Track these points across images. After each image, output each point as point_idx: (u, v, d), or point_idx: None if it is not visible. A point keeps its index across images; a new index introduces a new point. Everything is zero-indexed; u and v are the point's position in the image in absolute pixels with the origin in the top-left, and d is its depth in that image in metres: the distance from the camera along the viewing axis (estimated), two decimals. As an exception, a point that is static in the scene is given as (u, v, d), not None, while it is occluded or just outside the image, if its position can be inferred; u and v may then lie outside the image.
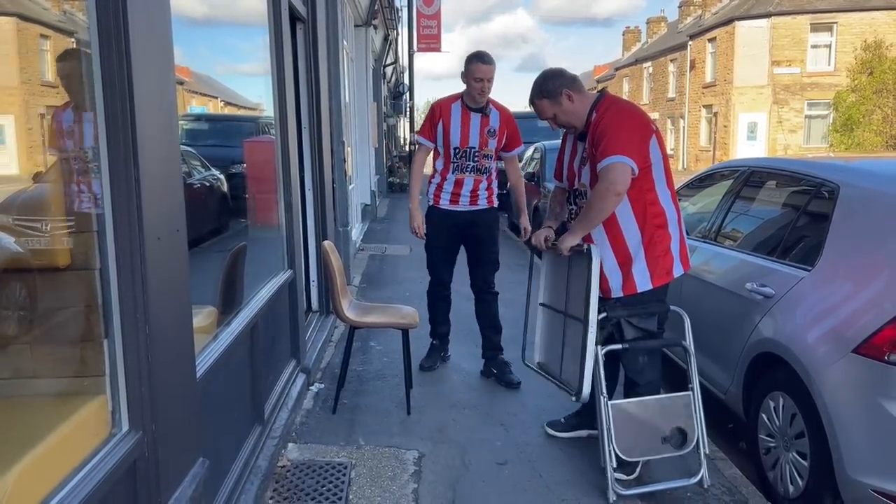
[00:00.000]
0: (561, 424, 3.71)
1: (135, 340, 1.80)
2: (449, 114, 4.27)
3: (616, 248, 3.14)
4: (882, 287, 2.77)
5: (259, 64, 3.91)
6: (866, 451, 2.68)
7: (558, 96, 3.19)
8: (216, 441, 2.55)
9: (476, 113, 4.24)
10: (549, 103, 3.23)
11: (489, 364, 4.49)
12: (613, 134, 3.01)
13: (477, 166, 4.27)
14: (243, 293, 3.35)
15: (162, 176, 1.92)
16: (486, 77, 4.12)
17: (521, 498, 3.11)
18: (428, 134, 4.35)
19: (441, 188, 4.34)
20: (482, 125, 4.24)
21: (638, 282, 3.14)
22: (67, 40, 1.88)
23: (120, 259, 1.75)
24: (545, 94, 3.23)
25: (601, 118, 3.10)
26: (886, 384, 2.62)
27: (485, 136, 4.25)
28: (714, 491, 3.17)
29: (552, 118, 3.27)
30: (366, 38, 12.15)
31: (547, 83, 3.23)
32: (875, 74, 25.98)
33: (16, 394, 1.66)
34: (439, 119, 4.28)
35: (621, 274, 3.15)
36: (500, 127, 4.28)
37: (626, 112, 3.15)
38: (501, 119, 4.30)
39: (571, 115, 3.22)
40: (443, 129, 4.27)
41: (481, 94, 4.17)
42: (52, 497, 1.48)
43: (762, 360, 3.31)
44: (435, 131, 4.31)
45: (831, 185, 3.27)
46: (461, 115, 4.25)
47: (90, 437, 1.71)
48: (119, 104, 1.71)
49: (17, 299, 1.67)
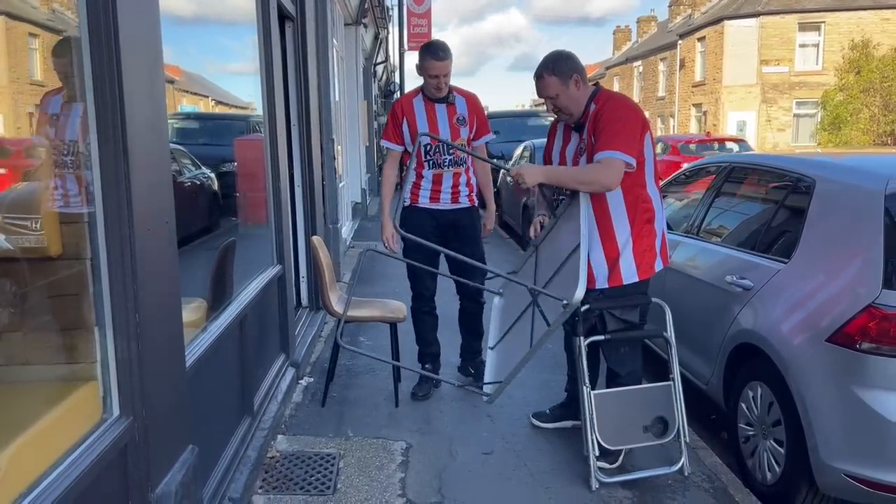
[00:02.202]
0: (546, 415, 3.79)
1: (125, 328, 1.85)
2: (412, 110, 3.97)
3: (605, 242, 3.19)
4: (854, 278, 2.85)
5: (249, 63, 3.96)
6: (839, 437, 2.76)
7: (568, 79, 3.14)
8: (206, 430, 2.60)
9: (440, 104, 3.96)
10: (557, 82, 3.15)
11: (467, 363, 4.40)
12: (615, 128, 3.04)
13: (454, 158, 3.97)
14: (233, 288, 3.40)
15: (151, 168, 1.97)
16: (442, 73, 3.83)
17: (505, 486, 3.18)
18: (394, 137, 4.03)
19: (418, 185, 4.02)
20: (449, 115, 3.97)
21: (624, 274, 3.20)
22: (57, 38, 1.88)
23: (110, 249, 1.81)
24: (556, 72, 3.15)
25: (601, 109, 3.12)
26: (858, 372, 2.70)
27: (455, 126, 3.96)
28: (694, 478, 3.25)
29: (554, 98, 3.19)
30: (356, 36, 12.18)
31: (561, 63, 3.16)
32: (862, 73, 26.22)
33: (9, 380, 1.71)
34: (402, 118, 3.98)
35: (607, 266, 3.20)
36: (469, 113, 3.99)
37: (627, 107, 3.18)
38: (469, 105, 4.01)
39: (572, 102, 3.19)
40: (408, 127, 3.97)
41: (438, 89, 3.89)
42: (45, 476, 1.53)
43: (741, 350, 3.39)
44: (400, 132, 4.00)
45: (808, 180, 3.35)
46: (425, 109, 3.96)
47: (82, 422, 1.77)
48: (109, 98, 1.76)
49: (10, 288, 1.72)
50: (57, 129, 1.85)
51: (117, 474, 1.83)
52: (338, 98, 9.08)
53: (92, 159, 1.77)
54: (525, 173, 3.14)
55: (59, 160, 1.86)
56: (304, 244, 5.26)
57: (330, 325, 5.49)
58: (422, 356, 4.35)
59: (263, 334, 3.71)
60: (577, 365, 3.21)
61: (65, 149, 1.88)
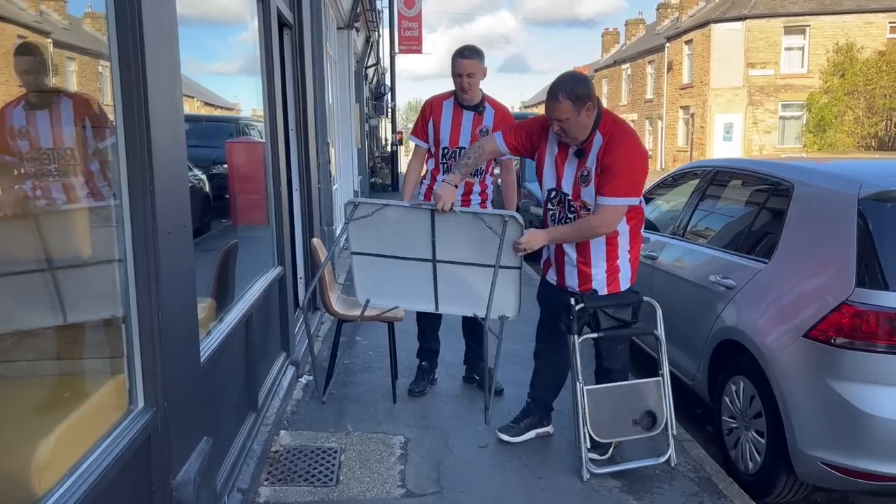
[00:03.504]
0: (513, 429, 3.68)
1: (149, 325, 1.98)
2: (440, 112, 4.03)
3: (610, 260, 3.35)
4: (830, 277, 3.02)
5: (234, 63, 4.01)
6: (816, 427, 2.93)
7: (582, 106, 3.08)
8: (217, 424, 2.73)
9: (469, 111, 3.98)
10: (571, 107, 3.07)
11: (472, 370, 4.46)
12: (624, 174, 3.10)
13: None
14: (235, 288, 3.53)
15: (172, 176, 2.11)
16: (465, 72, 3.85)
17: (500, 476, 3.33)
18: (421, 133, 4.10)
19: (431, 189, 4.06)
20: (475, 124, 3.98)
21: (622, 282, 3.39)
22: (45, 40, 1.87)
23: (136, 251, 1.94)
24: (572, 97, 3.06)
25: (609, 146, 3.13)
26: (833, 366, 2.87)
27: (477, 137, 3.93)
28: (680, 469, 3.41)
29: (563, 121, 3.12)
30: (348, 40, 12.30)
31: (579, 87, 3.07)
32: (846, 76, 26.62)
33: (44, 373, 1.83)
34: (430, 116, 4.05)
35: (607, 279, 3.37)
36: (495, 126, 3.93)
37: (635, 148, 3.18)
38: (497, 117, 4.00)
39: (580, 128, 3.15)
40: (433, 127, 4.04)
41: (462, 90, 3.91)
42: (83, 461, 1.66)
43: (725, 347, 3.56)
44: (426, 129, 4.07)
45: (787, 185, 3.52)
46: (453, 114, 4.00)
47: (112, 412, 1.90)
48: (136, 113, 1.90)
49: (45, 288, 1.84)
50: (30, 140, 1.82)
51: (143, 461, 1.96)
52: (331, 101, 9.20)
53: (121, 172, 1.90)
54: (531, 242, 3.22)
55: (42, 170, 1.83)
56: (302, 246, 5.38)
57: (326, 326, 5.62)
58: (421, 352, 4.45)
59: (266, 333, 3.85)
60: (571, 361, 3.36)
61: (46, 159, 1.86)
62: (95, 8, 2.00)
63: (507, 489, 3.23)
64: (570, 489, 3.23)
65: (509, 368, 4.49)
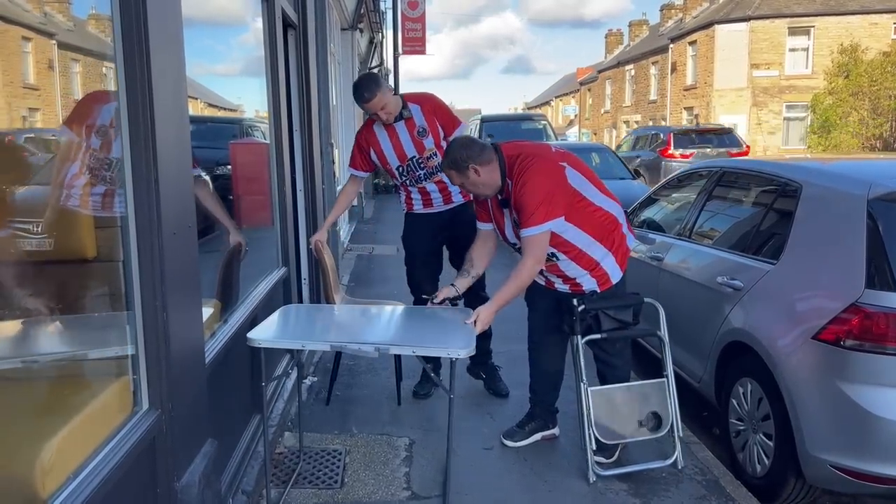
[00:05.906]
0: (518, 433, 3.69)
1: (154, 326, 1.97)
2: (375, 137, 3.97)
3: (593, 270, 3.32)
4: (839, 278, 3.00)
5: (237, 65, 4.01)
6: (825, 430, 2.90)
7: (465, 169, 3.15)
8: (221, 426, 2.72)
9: (398, 122, 3.91)
10: (456, 174, 3.20)
11: (477, 367, 4.43)
12: (531, 200, 3.09)
13: (427, 172, 3.97)
14: (240, 289, 3.52)
15: (176, 177, 2.09)
16: (377, 109, 3.80)
17: (506, 479, 3.31)
18: (360, 165, 4.08)
19: (410, 197, 4.11)
20: (410, 130, 3.92)
21: (611, 275, 3.36)
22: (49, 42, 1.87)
23: (141, 252, 1.93)
24: (452, 165, 3.19)
25: (514, 187, 3.15)
26: (843, 368, 2.84)
27: (418, 140, 3.91)
28: (687, 472, 3.39)
29: (462, 185, 3.27)
30: (352, 41, 12.32)
31: (454, 153, 3.18)
32: (851, 77, 26.53)
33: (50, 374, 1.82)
34: (368, 148, 4.01)
35: (598, 282, 3.35)
36: (428, 119, 3.91)
37: (535, 177, 3.13)
38: (425, 112, 3.92)
39: (480, 187, 3.22)
40: (377, 156, 4.00)
41: (386, 119, 3.86)
42: (87, 463, 1.65)
43: (732, 348, 3.53)
44: (368, 159, 4.04)
45: (795, 185, 3.50)
46: (387, 132, 3.94)
47: (116, 414, 1.88)
48: (141, 114, 1.88)
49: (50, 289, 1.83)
50: (103, 142, 1.91)
51: (147, 463, 1.94)
52: (335, 102, 9.20)
53: (125, 170, 1.89)
54: (483, 321, 3.16)
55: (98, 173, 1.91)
56: (306, 247, 5.36)
57: (331, 327, 5.59)
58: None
59: (270, 334, 3.82)
60: (575, 363, 3.35)
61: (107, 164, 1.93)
62: (100, 10, 1.99)
63: (513, 492, 3.21)
64: (576, 492, 3.21)
65: (516, 370, 4.45)
